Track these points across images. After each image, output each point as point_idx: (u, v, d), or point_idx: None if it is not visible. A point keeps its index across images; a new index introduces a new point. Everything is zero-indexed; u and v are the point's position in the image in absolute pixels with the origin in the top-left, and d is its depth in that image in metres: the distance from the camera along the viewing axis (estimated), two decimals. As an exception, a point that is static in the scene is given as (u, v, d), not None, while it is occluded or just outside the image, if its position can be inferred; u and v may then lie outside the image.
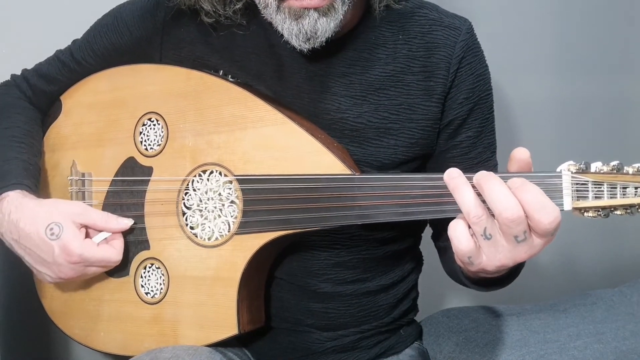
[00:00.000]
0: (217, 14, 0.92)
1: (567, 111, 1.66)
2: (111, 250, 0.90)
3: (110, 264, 0.90)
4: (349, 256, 0.96)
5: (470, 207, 0.68)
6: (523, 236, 0.68)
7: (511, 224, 0.67)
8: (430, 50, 0.92)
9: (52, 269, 0.88)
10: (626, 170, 0.70)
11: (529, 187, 0.67)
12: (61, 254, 0.87)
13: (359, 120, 0.92)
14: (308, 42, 0.85)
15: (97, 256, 0.88)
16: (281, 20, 0.84)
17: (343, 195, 0.80)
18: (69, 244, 0.86)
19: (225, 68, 0.94)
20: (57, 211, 0.89)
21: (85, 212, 0.90)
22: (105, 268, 0.92)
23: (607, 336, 1.06)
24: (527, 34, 1.60)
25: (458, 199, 0.69)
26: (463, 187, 0.69)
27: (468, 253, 0.70)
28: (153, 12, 0.97)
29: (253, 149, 0.87)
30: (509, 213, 0.66)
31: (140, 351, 0.91)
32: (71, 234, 0.87)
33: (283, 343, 0.98)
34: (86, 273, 0.90)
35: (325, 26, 0.84)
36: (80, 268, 0.89)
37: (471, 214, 0.68)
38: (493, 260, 0.70)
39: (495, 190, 0.67)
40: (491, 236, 0.69)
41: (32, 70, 1.06)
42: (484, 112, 0.96)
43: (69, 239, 0.87)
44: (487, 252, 0.70)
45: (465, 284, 0.90)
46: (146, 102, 0.95)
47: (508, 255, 0.69)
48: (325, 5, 0.82)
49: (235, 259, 0.87)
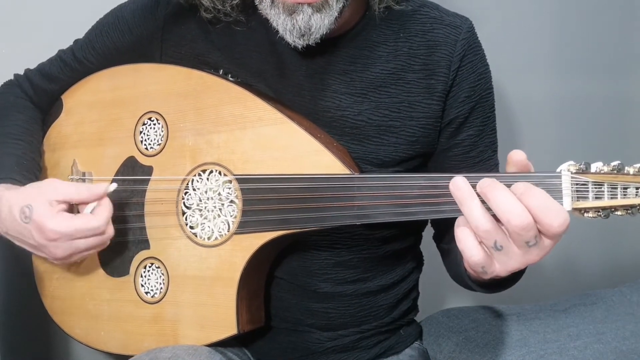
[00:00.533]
0: (216, 10, 0.92)
1: (567, 111, 1.66)
2: (88, 217, 0.87)
3: (93, 231, 0.86)
4: (349, 256, 0.95)
5: (479, 222, 0.67)
6: (534, 240, 0.67)
7: (522, 232, 0.66)
8: (431, 49, 0.92)
9: (43, 251, 0.87)
10: (627, 171, 0.70)
11: (534, 191, 0.66)
12: (38, 234, 0.85)
13: (360, 118, 0.92)
14: (302, 38, 0.84)
15: (72, 227, 0.85)
16: (275, 15, 0.84)
17: (342, 195, 0.80)
18: (41, 223, 0.84)
19: (226, 65, 0.94)
20: (27, 194, 0.87)
21: (58, 188, 0.87)
22: (96, 240, 0.87)
23: (607, 336, 1.06)
24: (527, 34, 1.60)
25: (466, 213, 0.68)
26: (470, 201, 0.68)
27: (481, 264, 0.69)
28: (154, 10, 0.97)
29: (252, 149, 0.87)
30: (518, 221, 0.65)
31: (140, 350, 0.91)
32: (41, 211, 0.85)
33: (283, 343, 0.98)
34: (78, 248, 0.87)
35: (319, 22, 0.83)
36: (66, 244, 0.86)
37: (480, 229, 0.67)
38: (506, 267, 0.70)
39: (501, 199, 0.66)
40: (502, 247, 0.68)
41: (34, 70, 1.06)
42: (485, 110, 0.95)
43: (40, 217, 0.85)
44: (500, 261, 0.69)
45: (472, 287, 0.89)
46: (146, 102, 0.95)
47: (520, 260, 0.69)
48: (319, 1, 0.82)
49: (234, 259, 0.87)
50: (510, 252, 0.68)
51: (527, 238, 0.66)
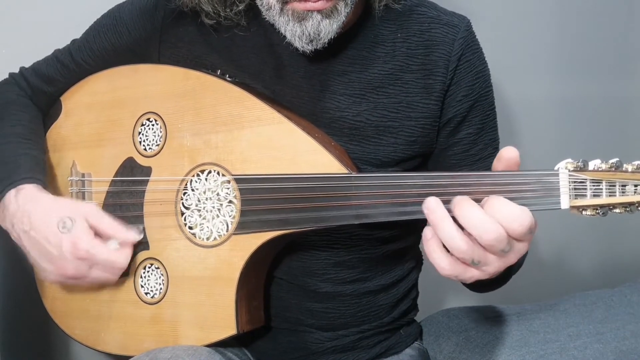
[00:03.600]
0: (218, 15, 0.92)
1: (567, 111, 1.66)
2: (118, 254, 0.90)
3: (114, 269, 0.90)
4: (349, 256, 0.95)
5: (453, 244, 0.69)
6: (508, 247, 0.69)
7: (494, 243, 0.68)
8: (429, 48, 0.92)
9: (56, 264, 0.88)
10: (625, 168, 0.70)
11: (495, 202, 0.68)
12: (69, 248, 0.87)
13: (358, 119, 0.92)
14: (311, 43, 0.85)
15: (103, 256, 0.88)
16: (284, 22, 0.85)
17: (340, 194, 0.80)
18: (78, 238, 0.87)
19: (224, 67, 0.94)
20: (70, 207, 0.90)
21: (97, 214, 0.90)
22: (109, 275, 0.90)
23: (607, 336, 1.06)
24: (527, 34, 1.59)
25: (440, 235, 0.69)
26: (443, 223, 0.69)
27: (453, 275, 0.71)
28: (152, 12, 0.98)
29: (250, 149, 0.87)
30: (489, 235, 0.67)
31: (140, 351, 0.91)
32: (82, 229, 0.87)
33: (283, 343, 0.98)
34: (88, 275, 0.89)
35: (328, 28, 0.84)
36: (84, 267, 0.88)
37: (456, 251, 0.69)
38: (485, 273, 0.72)
39: (468, 215, 0.68)
40: (479, 262, 0.70)
41: (30, 69, 1.06)
42: (484, 108, 0.95)
43: (79, 234, 0.87)
44: (479, 269, 0.71)
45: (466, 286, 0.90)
46: (145, 102, 0.95)
47: (499, 265, 0.71)
48: (328, 7, 0.83)
49: (233, 259, 0.87)
50: (488, 262, 0.70)
51: (501, 247, 0.68)
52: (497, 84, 1.00)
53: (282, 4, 0.84)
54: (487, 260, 0.70)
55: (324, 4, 0.82)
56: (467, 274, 0.71)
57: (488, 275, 0.72)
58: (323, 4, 0.82)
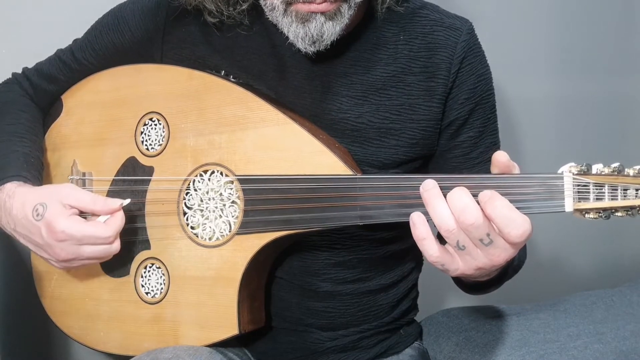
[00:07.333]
0: (221, 14, 0.92)
1: (567, 111, 1.66)
2: (100, 225, 0.87)
3: (101, 240, 0.86)
4: (349, 256, 0.96)
5: (441, 220, 0.70)
6: (488, 239, 0.69)
7: (470, 228, 0.69)
8: (432, 51, 0.92)
9: (47, 251, 0.88)
10: (627, 172, 0.70)
11: (496, 201, 0.69)
12: (47, 233, 0.85)
13: (360, 121, 0.92)
14: (314, 45, 0.86)
15: (82, 231, 0.85)
16: (288, 23, 0.85)
17: (344, 195, 0.81)
18: (52, 221, 0.85)
19: (227, 68, 0.94)
20: (43, 193, 0.88)
21: (73, 193, 0.88)
22: (102, 249, 0.87)
23: (607, 336, 1.06)
24: (527, 34, 1.60)
25: (430, 212, 0.71)
26: (435, 200, 0.71)
27: (439, 263, 0.72)
28: (155, 11, 0.97)
29: (254, 149, 0.87)
30: (465, 217, 0.68)
31: (140, 351, 0.91)
32: (55, 211, 0.85)
33: (283, 343, 0.98)
34: (82, 254, 0.87)
35: (331, 30, 0.85)
36: (71, 248, 0.86)
37: (442, 228, 0.70)
38: (470, 266, 0.72)
39: (454, 197, 0.70)
40: (465, 247, 0.70)
41: (32, 69, 1.06)
42: (486, 112, 0.96)
43: (52, 217, 0.85)
44: (464, 260, 0.72)
45: (461, 289, 0.91)
46: (147, 102, 0.95)
47: (484, 260, 0.71)
48: (332, 9, 0.83)
49: (236, 259, 0.87)
50: (473, 252, 0.71)
51: (478, 236, 0.69)
52: (498, 84, 1.00)
53: (286, 5, 0.84)
54: (471, 249, 0.70)
55: (328, 6, 0.83)
56: (453, 265, 0.72)
57: (473, 270, 0.72)
58: (327, 6, 0.83)
